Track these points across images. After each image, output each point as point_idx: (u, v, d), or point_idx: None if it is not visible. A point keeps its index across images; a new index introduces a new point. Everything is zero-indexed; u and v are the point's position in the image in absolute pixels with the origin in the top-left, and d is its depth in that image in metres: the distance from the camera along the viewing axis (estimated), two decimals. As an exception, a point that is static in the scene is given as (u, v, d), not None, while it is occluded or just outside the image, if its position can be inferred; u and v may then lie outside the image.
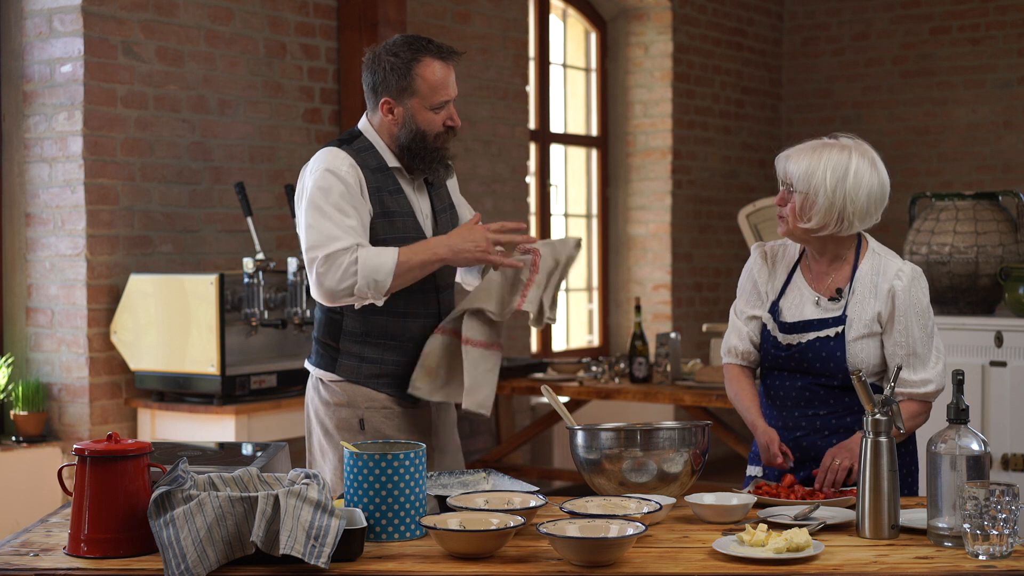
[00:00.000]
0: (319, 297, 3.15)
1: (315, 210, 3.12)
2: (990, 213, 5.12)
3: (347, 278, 3.08)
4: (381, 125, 3.26)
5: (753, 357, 3.22)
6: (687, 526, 2.65)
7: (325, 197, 3.12)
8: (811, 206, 3.01)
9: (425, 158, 3.23)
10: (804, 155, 3.04)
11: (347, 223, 3.11)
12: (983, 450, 2.50)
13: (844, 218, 3.01)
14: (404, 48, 3.20)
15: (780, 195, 3.09)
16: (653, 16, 8.02)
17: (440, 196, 3.38)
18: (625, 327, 8.08)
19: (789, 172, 3.05)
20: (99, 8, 5.06)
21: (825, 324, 3.07)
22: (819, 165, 3.00)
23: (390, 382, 3.25)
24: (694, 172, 8.19)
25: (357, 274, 3.07)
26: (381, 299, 3.14)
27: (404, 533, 2.52)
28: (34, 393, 5.05)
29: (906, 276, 3.06)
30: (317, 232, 3.11)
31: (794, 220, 3.05)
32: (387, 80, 3.20)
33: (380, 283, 3.09)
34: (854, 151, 3.03)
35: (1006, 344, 5.00)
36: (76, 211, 5.06)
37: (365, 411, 3.24)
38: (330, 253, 3.08)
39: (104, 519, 2.37)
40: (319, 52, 5.95)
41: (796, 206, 3.03)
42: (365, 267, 3.08)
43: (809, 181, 3.00)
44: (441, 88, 3.21)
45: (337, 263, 3.08)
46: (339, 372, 3.25)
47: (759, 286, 3.21)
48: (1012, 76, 8.17)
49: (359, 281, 3.08)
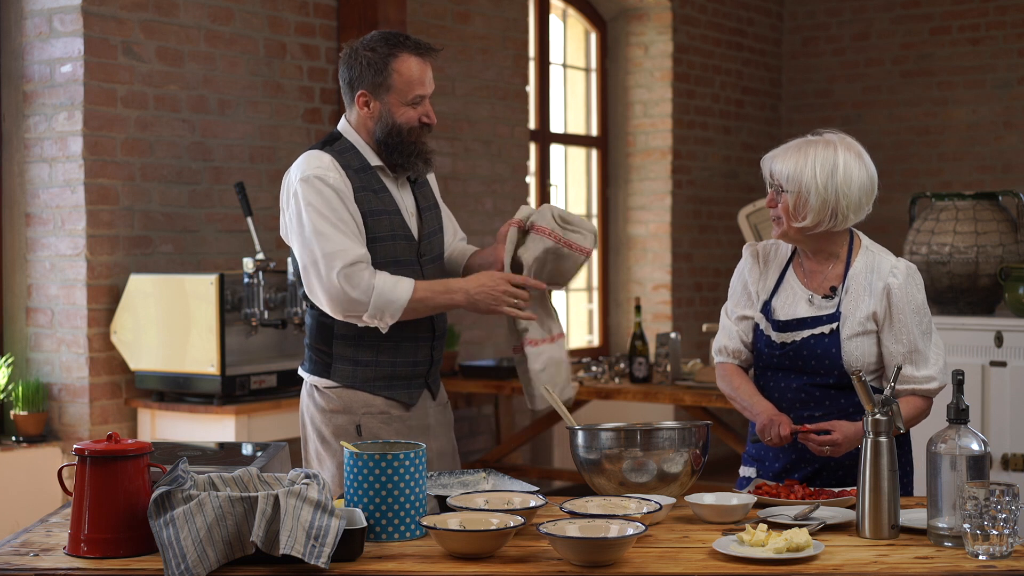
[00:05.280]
0: (333, 310, 3.14)
1: (319, 216, 3.11)
2: (990, 213, 5.12)
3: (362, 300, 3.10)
4: (359, 122, 3.25)
5: (744, 356, 3.21)
6: (687, 526, 2.65)
7: (326, 203, 3.12)
8: (804, 204, 3.00)
9: (402, 152, 3.23)
10: (790, 154, 3.03)
11: (352, 230, 3.12)
12: (983, 450, 2.50)
13: (838, 212, 3.00)
14: (381, 43, 3.21)
15: (769, 197, 3.08)
16: (653, 16, 8.02)
17: (424, 194, 3.38)
18: (625, 327, 8.08)
19: (776, 173, 3.04)
20: (99, 8, 5.06)
21: (819, 321, 3.07)
22: (807, 163, 2.99)
23: (386, 384, 3.24)
24: (694, 172, 8.19)
25: (370, 301, 3.10)
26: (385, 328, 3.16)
27: (404, 533, 2.52)
28: (34, 393, 5.05)
29: (901, 273, 3.06)
30: (327, 240, 3.10)
31: (788, 220, 3.04)
32: (363, 74, 3.20)
33: (389, 315, 3.13)
34: (839, 145, 3.02)
35: (1006, 344, 5.00)
36: (76, 211, 5.06)
37: (362, 416, 3.23)
38: (349, 269, 3.09)
39: (104, 519, 2.37)
40: (319, 52, 5.95)
41: (789, 206, 3.02)
42: (380, 297, 3.10)
43: (799, 180, 2.99)
44: (417, 83, 3.21)
45: (357, 281, 3.09)
46: (334, 377, 3.23)
47: (750, 286, 3.21)
48: (1012, 76, 8.17)
49: (369, 308, 3.11)
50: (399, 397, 3.26)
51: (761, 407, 3.09)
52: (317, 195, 3.12)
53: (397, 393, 3.25)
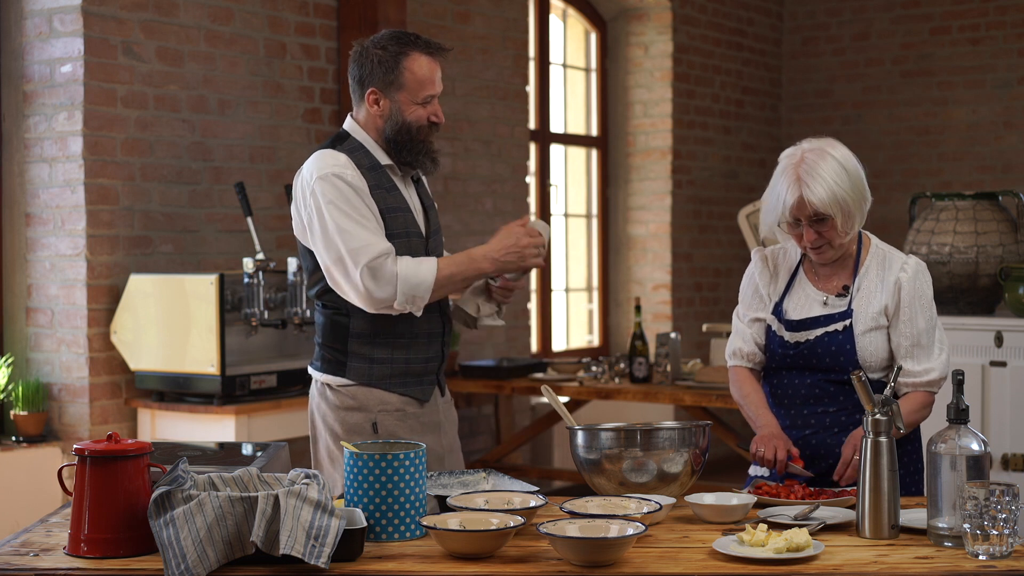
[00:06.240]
0: (365, 306, 3.14)
1: (341, 213, 3.12)
2: (990, 213, 5.12)
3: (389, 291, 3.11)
4: (367, 120, 3.26)
5: (758, 359, 3.22)
6: (687, 526, 2.65)
7: (346, 200, 3.12)
8: (850, 216, 3.01)
9: (412, 151, 3.24)
10: (811, 181, 2.99)
11: (374, 225, 3.13)
12: (983, 450, 2.50)
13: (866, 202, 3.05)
14: (392, 42, 3.22)
15: (809, 233, 3.02)
16: (653, 16, 8.02)
17: (424, 193, 3.40)
18: (625, 327, 8.08)
19: (814, 203, 2.98)
20: (99, 8, 5.06)
21: (832, 319, 3.09)
22: (830, 180, 2.98)
23: (402, 381, 3.25)
24: (694, 172, 8.19)
25: (397, 290, 3.11)
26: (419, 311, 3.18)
27: (404, 533, 2.52)
28: (34, 393, 5.05)
29: (911, 268, 3.09)
30: (351, 237, 3.10)
31: (838, 239, 3.04)
32: (374, 72, 3.21)
33: (420, 298, 3.14)
34: (827, 150, 3.02)
35: (1006, 344, 5.00)
36: (76, 211, 5.06)
37: (378, 414, 3.23)
38: (373, 264, 3.10)
39: (104, 519, 2.37)
40: (319, 52, 5.95)
41: (838, 227, 3.01)
42: (405, 283, 3.11)
43: (836, 199, 2.98)
44: (428, 83, 3.22)
45: (382, 273, 3.10)
46: (349, 376, 3.23)
47: (760, 289, 3.21)
48: (1012, 76, 8.17)
49: (398, 297, 3.11)
50: (414, 394, 3.26)
51: (763, 421, 3.10)
52: (337, 192, 3.12)
53: (412, 390, 3.26)
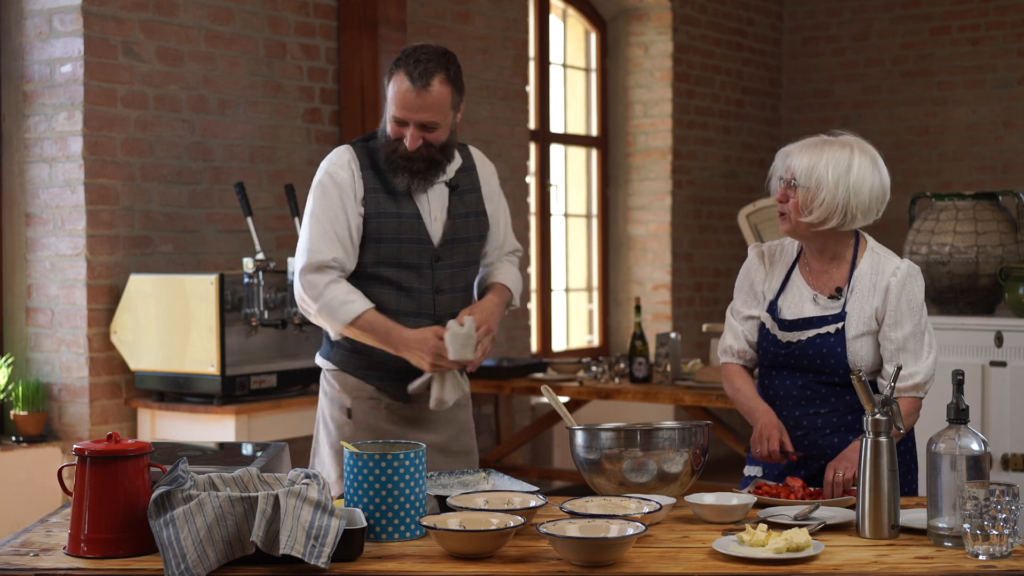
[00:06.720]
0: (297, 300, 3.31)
1: (311, 214, 3.27)
2: (990, 213, 5.12)
3: (310, 303, 3.22)
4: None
5: (750, 356, 3.22)
6: (687, 526, 2.65)
7: (324, 200, 3.25)
8: (813, 199, 3.03)
9: (387, 160, 3.27)
10: (806, 151, 3.07)
11: (336, 231, 3.21)
12: (983, 450, 2.50)
13: (848, 211, 3.04)
14: (400, 55, 3.27)
15: (780, 192, 3.10)
16: (653, 16, 8.02)
17: (465, 201, 3.36)
18: (625, 327, 8.08)
19: (792, 167, 3.07)
20: (99, 8, 5.06)
21: (825, 321, 3.09)
22: (821, 159, 3.04)
23: (378, 375, 3.29)
24: (694, 172, 8.19)
25: (317, 306, 3.21)
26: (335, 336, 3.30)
27: (404, 533, 2.52)
28: (34, 393, 5.05)
29: (902, 273, 3.10)
30: (306, 238, 3.26)
31: (796, 215, 3.06)
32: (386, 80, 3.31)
33: (331, 327, 3.25)
34: (855, 148, 3.07)
35: (1006, 344, 5.00)
36: (76, 211, 5.06)
37: (353, 400, 3.30)
38: (311, 270, 3.21)
39: (104, 519, 2.37)
40: (319, 52, 5.95)
41: (799, 201, 3.05)
42: (325, 308, 3.21)
43: (811, 175, 3.03)
44: (400, 105, 3.21)
45: (312, 282, 3.21)
46: (333, 360, 3.35)
47: (756, 286, 3.22)
48: (1012, 76, 8.17)
49: (313, 313, 3.23)
50: (388, 390, 3.30)
51: (759, 413, 3.11)
52: (321, 192, 3.26)
53: (388, 385, 3.30)
